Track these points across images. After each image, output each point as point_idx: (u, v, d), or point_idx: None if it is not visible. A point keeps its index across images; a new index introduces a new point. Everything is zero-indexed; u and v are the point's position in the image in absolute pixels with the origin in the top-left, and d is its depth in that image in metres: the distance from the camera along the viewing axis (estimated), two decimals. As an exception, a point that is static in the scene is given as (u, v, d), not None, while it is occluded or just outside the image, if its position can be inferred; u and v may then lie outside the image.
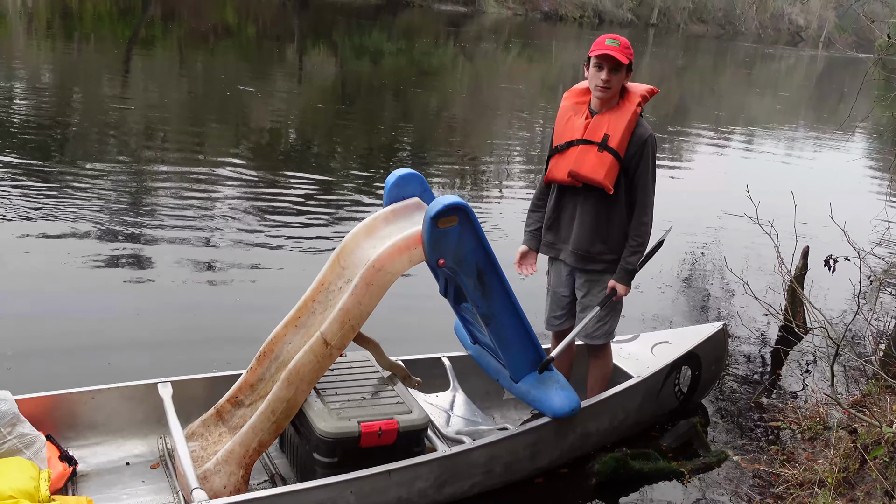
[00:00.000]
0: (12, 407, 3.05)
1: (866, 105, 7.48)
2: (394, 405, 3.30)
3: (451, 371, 4.09)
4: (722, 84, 27.39)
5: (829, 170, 13.09)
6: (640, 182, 3.58)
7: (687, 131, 15.44)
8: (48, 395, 3.32)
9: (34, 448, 3.08)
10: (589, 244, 3.68)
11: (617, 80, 3.51)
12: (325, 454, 3.12)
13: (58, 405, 3.34)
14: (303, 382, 3.11)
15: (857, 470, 3.52)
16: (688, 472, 3.83)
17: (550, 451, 3.66)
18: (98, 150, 8.60)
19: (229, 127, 10.99)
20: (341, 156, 10.07)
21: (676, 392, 4.24)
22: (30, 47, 16.01)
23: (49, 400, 3.32)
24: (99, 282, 5.32)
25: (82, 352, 4.40)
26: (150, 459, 3.41)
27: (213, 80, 14.52)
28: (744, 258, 6.80)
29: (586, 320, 3.73)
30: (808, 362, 5.36)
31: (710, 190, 10.21)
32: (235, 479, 3.07)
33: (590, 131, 3.57)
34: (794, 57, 47.08)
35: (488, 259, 3.17)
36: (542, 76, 23.73)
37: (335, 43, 23.73)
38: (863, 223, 6.46)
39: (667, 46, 41.68)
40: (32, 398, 3.27)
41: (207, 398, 3.48)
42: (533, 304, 3.80)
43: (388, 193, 3.42)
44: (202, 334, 4.81)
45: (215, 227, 6.59)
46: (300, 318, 3.36)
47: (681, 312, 6.03)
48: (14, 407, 3.06)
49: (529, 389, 3.53)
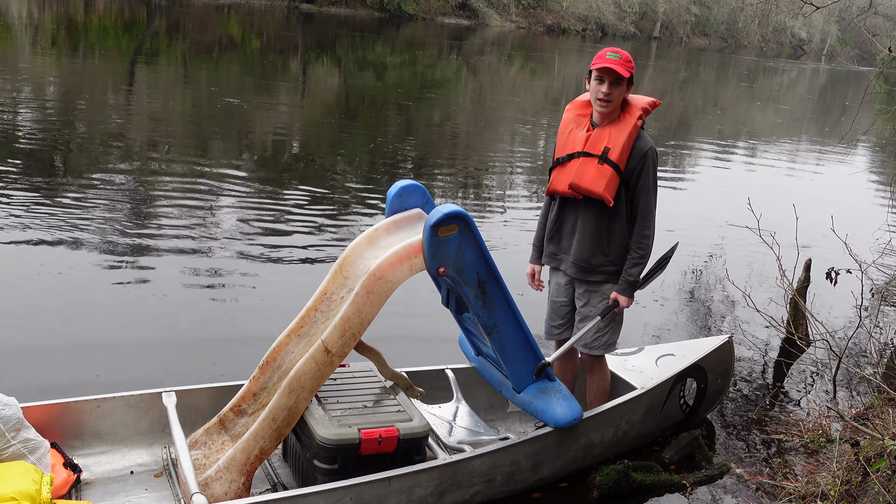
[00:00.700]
0: (17, 412, 3.08)
1: (869, 118, 7.49)
2: (395, 413, 3.31)
3: (455, 383, 4.09)
4: (724, 97, 27.44)
5: (831, 183, 13.10)
6: (641, 194, 3.59)
7: (689, 144, 15.46)
8: (54, 402, 3.35)
9: (38, 453, 3.10)
10: (590, 255, 3.70)
11: (618, 94, 3.53)
12: (325, 461, 3.13)
13: (63, 413, 3.36)
14: (304, 390, 3.13)
15: (860, 483, 3.51)
16: (690, 485, 3.82)
17: (552, 462, 3.65)
18: (99, 160, 8.62)
19: (231, 138, 11.04)
20: (343, 167, 10.10)
21: (682, 405, 4.23)
22: (35, 59, 16.10)
23: (55, 408, 3.34)
24: (100, 291, 5.34)
25: (83, 361, 4.42)
26: (153, 468, 3.42)
27: (213, 92, 14.58)
28: (746, 270, 6.81)
29: (585, 329, 3.74)
30: (811, 375, 5.35)
31: (712, 202, 10.22)
32: (237, 487, 3.09)
33: (590, 144, 3.59)
34: (797, 70, 47.17)
35: (489, 268, 3.18)
36: (544, 89, 23.80)
37: (339, 56, 23.84)
38: (865, 235, 6.46)
39: (669, 59, 41.80)
40: (38, 406, 3.30)
41: (211, 407, 3.51)
42: (535, 312, 3.81)
43: (391, 204, 3.44)
44: (205, 344, 4.83)
45: (217, 237, 6.61)
46: (303, 327, 3.38)
47: (683, 325, 6.03)
48: (19, 412, 3.09)
49: (532, 400, 3.53)
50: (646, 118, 3.63)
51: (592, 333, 3.81)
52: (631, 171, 3.55)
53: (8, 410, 3.04)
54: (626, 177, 3.56)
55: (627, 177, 3.56)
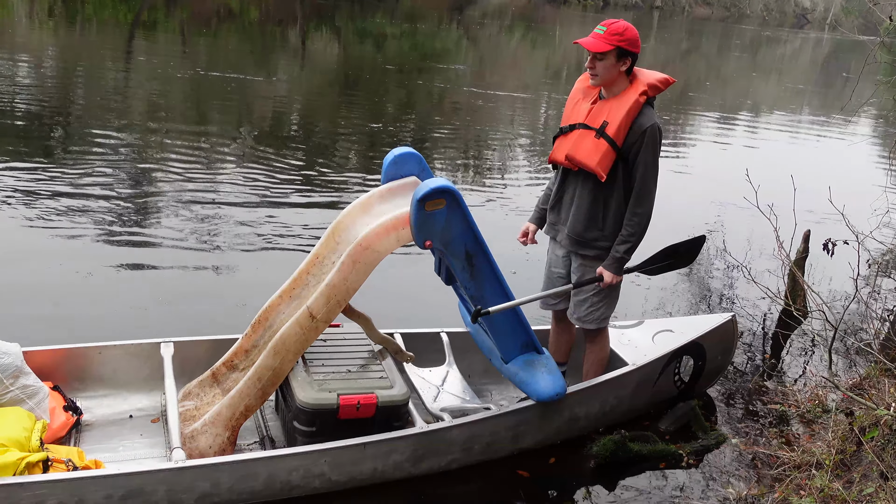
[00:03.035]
0: (16, 360, 3.20)
1: (870, 89, 7.44)
2: (376, 380, 3.37)
3: (448, 346, 4.13)
4: (726, 68, 27.23)
5: (830, 154, 13.04)
6: (638, 172, 3.55)
7: (689, 115, 15.38)
8: (57, 348, 3.50)
9: (37, 399, 3.22)
10: (583, 229, 3.69)
11: (603, 67, 3.48)
12: (304, 423, 3.21)
13: (67, 358, 3.51)
14: (289, 353, 3.21)
15: (854, 452, 3.55)
16: (686, 455, 3.85)
17: (534, 434, 3.68)
18: (94, 130, 8.60)
19: (230, 108, 10.99)
20: (342, 136, 10.05)
21: (676, 381, 4.22)
22: (32, 31, 15.97)
23: (58, 353, 3.50)
24: (100, 256, 5.39)
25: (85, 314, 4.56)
26: (152, 413, 3.56)
27: (212, 62, 14.48)
28: (744, 243, 6.80)
29: (552, 291, 3.77)
30: (808, 346, 5.38)
31: (710, 174, 10.19)
32: (221, 441, 3.19)
33: (591, 116, 3.57)
34: (800, 40, 46.75)
35: (476, 242, 3.19)
36: (545, 60, 23.61)
37: (338, 27, 23.63)
38: (864, 207, 6.44)
39: (671, 30, 41.40)
40: (42, 350, 3.45)
41: (209, 359, 3.62)
42: (527, 288, 3.82)
43: (386, 171, 3.44)
44: (202, 302, 4.96)
45: (216, 201, 6.64)
46: (294, 289, 3.45)
47: (680, 297, 6.04)
48: (18, 360, 3.21)
49: (517, 371, 3.56)
50: (655, 95, 3.57)
51: (586, 308, 3.81)
52: (629, 147, 3.51)
53: (7, 359, 3.17)
54: (623, 153, 3.52)
55: (625, 153, 3.52)
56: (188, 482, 2.94)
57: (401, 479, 3.38)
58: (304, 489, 3.16)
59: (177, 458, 2.94)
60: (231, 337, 3.66)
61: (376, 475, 3.30)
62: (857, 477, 3.33)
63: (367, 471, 3.27)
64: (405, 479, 3.38)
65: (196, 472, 2.95)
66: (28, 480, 2.73)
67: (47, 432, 3.15)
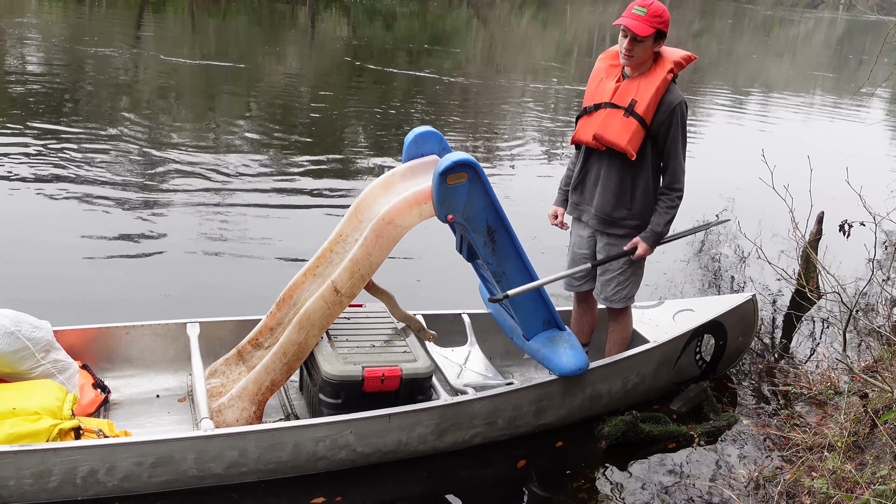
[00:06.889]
0: (47, 335, 3.25)
1: (886, 70, 7.35)
2: (400, 354, 3.38)
3: (470, 327, 4.13)
4: (739, 48, 26.98)
5: (846, 135, 12.93)
6: (671, 149, 3.54)
7: (703, 96, 15.26)
8: (86, 328, 3.55)
9: (67, 374, 3.28)
10: (612, 208, 3.67)
11: (641, 49, 3.46)
12: (329, 395, 3.22)
13: (96, 337, 3.56)
14: (314, 327, 3.23)
15: (867, 434, 3.52)
16: (698, 436, 3.84)
17: (556, 409, 3.68)
18: (107, 112, 8.59)
19: (241, 87, 10.96)
20: (355, 118, 10.02)
21: (698, 360, 4.21)
22: (41, 10, 15.94)
23: (87, 332, 3.54)
24: (119, 241, 5.39)
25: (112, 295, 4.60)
26: (178, 393, 3.59)
27: (220, 41, 14.43)
28: (758, 224, 6.75)
29: (574, 270, 3.77)
30: (821, 328, 5.34)
31: (726, 155, 10.11)
32: (248, 415, 3.23)
33: (618, 95, 3.54)
34: (814, 20, 46.26)
35: (498, 217, 3.18)
36: (556, 41, 23.44)
37: (347, 6, 23.50)
38: (880, 188, 6.39)
39: (684, 9, 41.02)
40: (71, 330, 3.50)
41: (233, 339, 3.68)
42: (547, 261, 3.80)
43: (407, 150, 3.44)
44: (227, 284, 5.00)
45: (233, 186, 6.63)
46: (318, 267, 3.48)
47: (695, 277, 6.01)
48: (49, 335, 3.26)
49: (539, 347, 3.56)
50: (679, 72, 3.55)
51: (613, 287, 3.80)
52: (659, 125, 3.50)
53: (39, 332, 3.22)
54: (652, 131, 3.50)
55: (655, 131, 3.51)
56: (217, 450, 2.97)
57: (424, 456, 3.38)
58: (330, 461, 3.17)
59: (205, 427, 2.96)
60: (255, 318, 3.68)
61: (401, 447, 3.30)
62: (871, 459, 3.31)
63: (392, 443, 3.27)
64: (428, 456, 3.38)
65: (224, 440, 2.97)
66: (61, 446, 2.78)
67: (77, 407, 3.19)
